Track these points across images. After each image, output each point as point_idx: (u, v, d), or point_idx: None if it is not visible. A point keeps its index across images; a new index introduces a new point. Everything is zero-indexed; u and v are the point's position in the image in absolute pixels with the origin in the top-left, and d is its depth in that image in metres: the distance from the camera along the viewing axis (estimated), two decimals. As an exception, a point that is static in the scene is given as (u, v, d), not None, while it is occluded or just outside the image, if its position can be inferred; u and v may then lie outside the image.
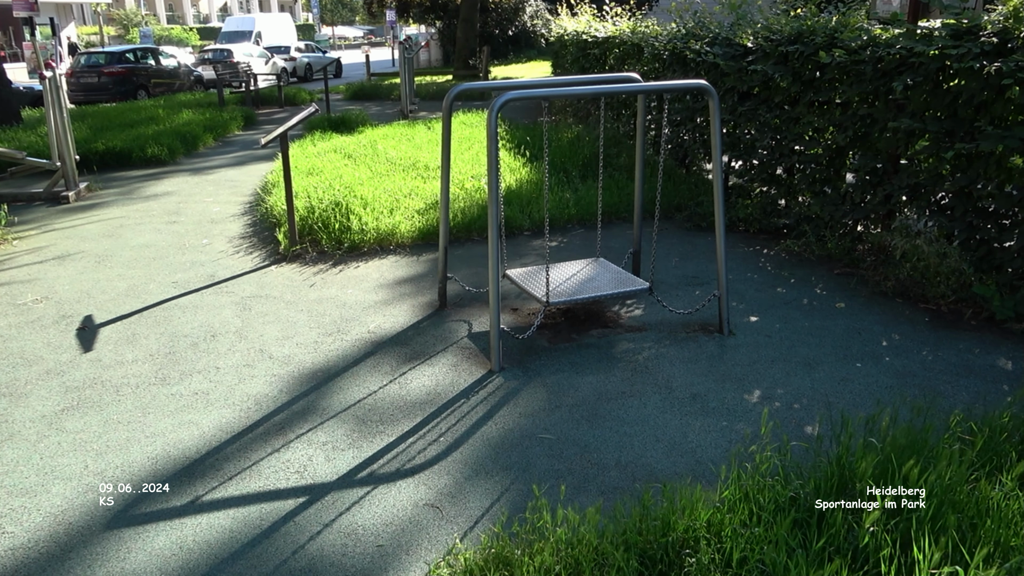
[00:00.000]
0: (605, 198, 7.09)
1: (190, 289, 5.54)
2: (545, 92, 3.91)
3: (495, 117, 3.82)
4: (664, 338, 4.35)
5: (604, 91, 4.04)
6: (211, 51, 26.70)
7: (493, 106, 3.81)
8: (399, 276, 5.67)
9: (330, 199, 6.80)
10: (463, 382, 3.91)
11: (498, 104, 3.80)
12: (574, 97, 4.11)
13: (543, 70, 28.39)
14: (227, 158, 11.07)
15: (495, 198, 3.92)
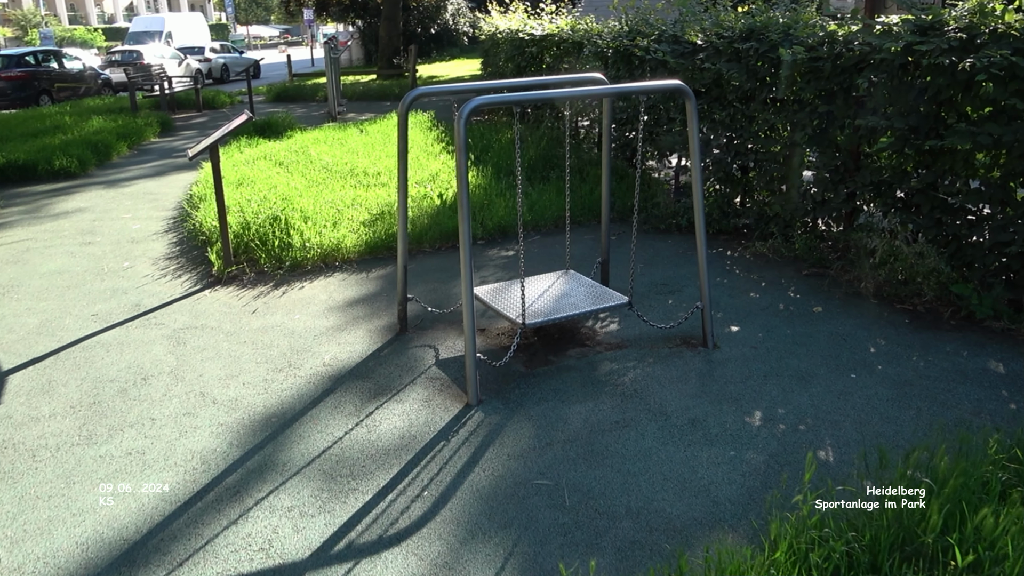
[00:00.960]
0: (559, 202, 6.73)
1: (113, 322, 4.87)
2: (517, 97, 3.50)
3: (464, 125, 3.39)
4: (647, 356, 4.02)
5: (579, 94, 3.66)
6: (119, 52, 25.05)
7: (461, 113, 3.37)
8: (350, 296, 5.15)
9: (267, 213, 6.19)
10: (439, 420, 3.47)
11: (467, 110, 3.37)
12: (547, 101, 3.70)
13: (468, 68, 27.89)
14: (144, 168, 10.18)
15: (466, 214, 3.48)
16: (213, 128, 13.82)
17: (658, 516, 2.74)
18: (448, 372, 3.95)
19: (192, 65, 24.81)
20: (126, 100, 17.27)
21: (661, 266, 5.47)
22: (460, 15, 36.72)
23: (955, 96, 4.33)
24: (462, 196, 3.46)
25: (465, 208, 3.47)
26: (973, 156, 4.38)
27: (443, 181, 7.69)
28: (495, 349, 4.21)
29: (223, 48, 30.60)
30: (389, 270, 5.66)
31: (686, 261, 5.55)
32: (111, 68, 24.19)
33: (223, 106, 17.69)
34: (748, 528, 2.65)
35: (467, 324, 3.53)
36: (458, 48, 37.48)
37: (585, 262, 5.60)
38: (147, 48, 25.10)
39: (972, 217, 4.46)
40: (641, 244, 6.03)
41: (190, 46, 29.12)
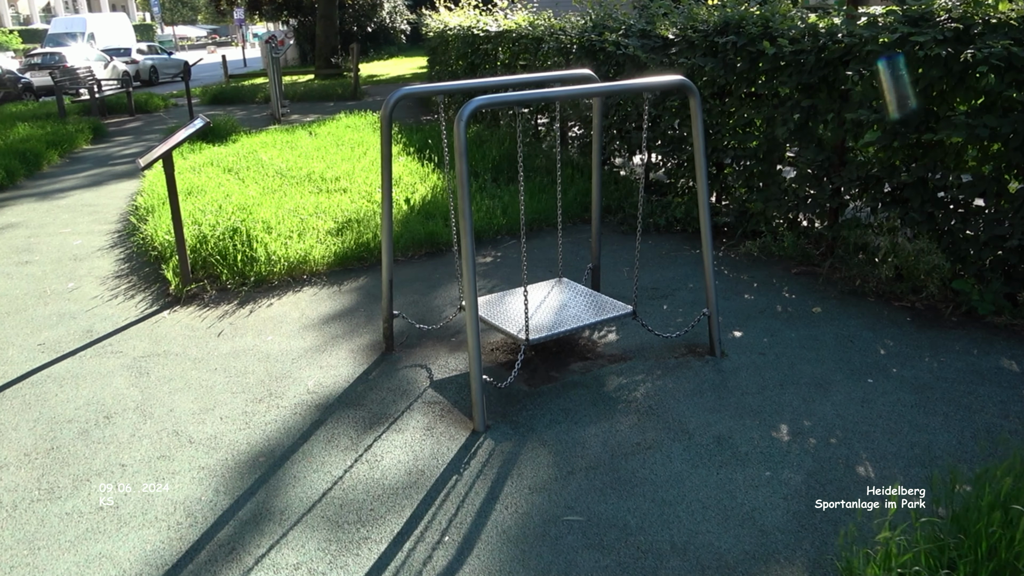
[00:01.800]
0: (533, 205, 6.46)
1: (63, 352, 4.38)
2: (519, 97, 3.20)
3: (464, 128, 3.08)
4: (654, 367, 3.80)
5: (581, 92, 3.39)
6: (39, 55, 23.57)
7: (461, 115, 3.07)
8: (324, 313, 4.78)
9: (225, 224, 5.73)
10: (446, 451, 3.17)
11: (468, 112, 3.06)
12: (550, 100, 3.42)
13: (408, 67, 27.39)
14: (79, 178, 9.46)
15: (468, 227, 3.18)
16: (149, 133, 13.04)
17: (707, 551, 2.51)
18: (446, 395, 3.64)
19: (119, 67, 23.54)
20: (52, 105, 16.19)
21: (648, 269, 5.27)
22: (397, 13, 36.00)
23: (948, 88, 4.25)
24: (464, 207, 3.16)
25: (468, 220, 3.17)
26: (965, 149, 4.31)
27: (407, 185, 7.33)
28: (492, 367, 3.91)
29: (151, 49, 29.17)
30: (363, 282, 5.30)
31: (672, 263, 5.37)
32: (32, 72, 22.75)
33: (157, 110, 16.78)
34: (805, 560, 2.44)
35: (472, 345, 3.24)
36: (396, 47, 36.76)
37: (571, 267, 5.36)
38: (70, 50, 23.70)
39: (963, 211, 4.41)
40: (623, 246, 5.82)
41: (115, 47, 27.63)
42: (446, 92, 3.78)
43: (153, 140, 12.25)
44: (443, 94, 3.79)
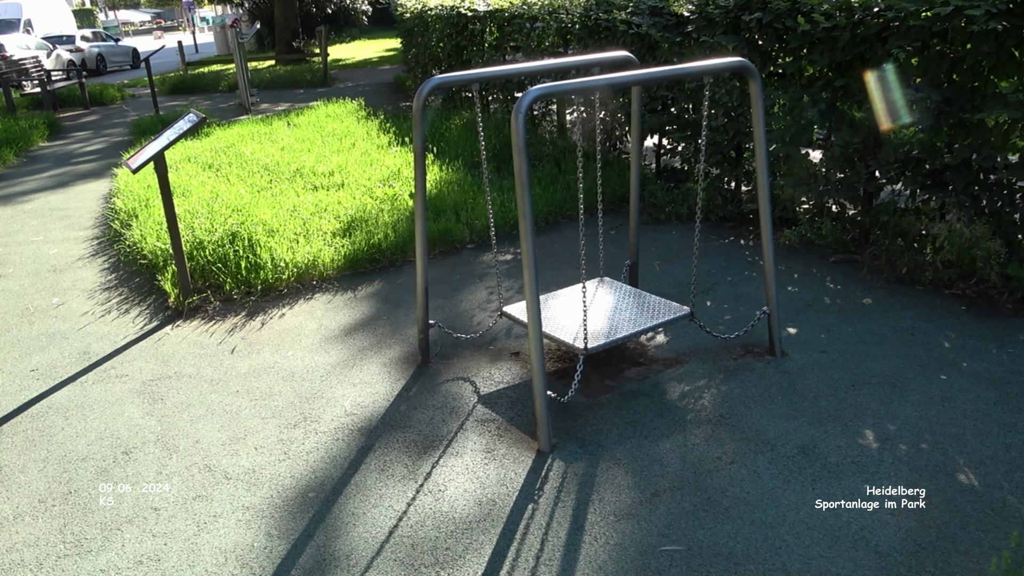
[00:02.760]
0: (547, 196, 6.24)
1: (62, 378, 4.07)
2: (581, 84, 2.98)
3: (523, 121, 2.86)
4: (715, 371, 3.64)
5: (643, 77, 3.18)
6: (-26, 45, 22.48)
7: (519, 106, 2.84)
8: (344, 323, 4.52)
9: (223, 228, 5.41)
10: (514, 476, 2.98)
11: (526, 103, 2.83)
12: (611, 89, 3.20)
13: (374, 50, 26.83)
14: (41, 179, 8.96)
15: (530, 228, 2.97)
16: (109, 128, 12.47)
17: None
18: (499, 411, 3.44)
19: (63, 56, 22.53)
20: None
21: (679, 262, 5.12)
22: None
23: (998, 64, 4.14)
24: (525, 207, 2.94)
25: (529, 223, 2.95)
26: (1013, 129, 4.22)
27: (406, 178, 7.05)
28: (540, 376, 3.72)
29: (96, 36, 28.04)
30: (378, 287, 5.05)
31: (704, 255, 5.22)
32: (-33, 63, 21.72)
33: (113, 101, 16.09)
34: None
35: (535, 359, 3.04)
36: (357, 29, 35.96)
37: (596, 263, 5.17)
38: (8, 39, 22.64)
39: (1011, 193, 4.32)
40: (647, 238, 5.65)
41: (56, 35, 26.47)
42: (482, 80, 3.55)
43: (115, 135, 11.71)
44: (478, 82, 3.55)
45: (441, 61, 11.58)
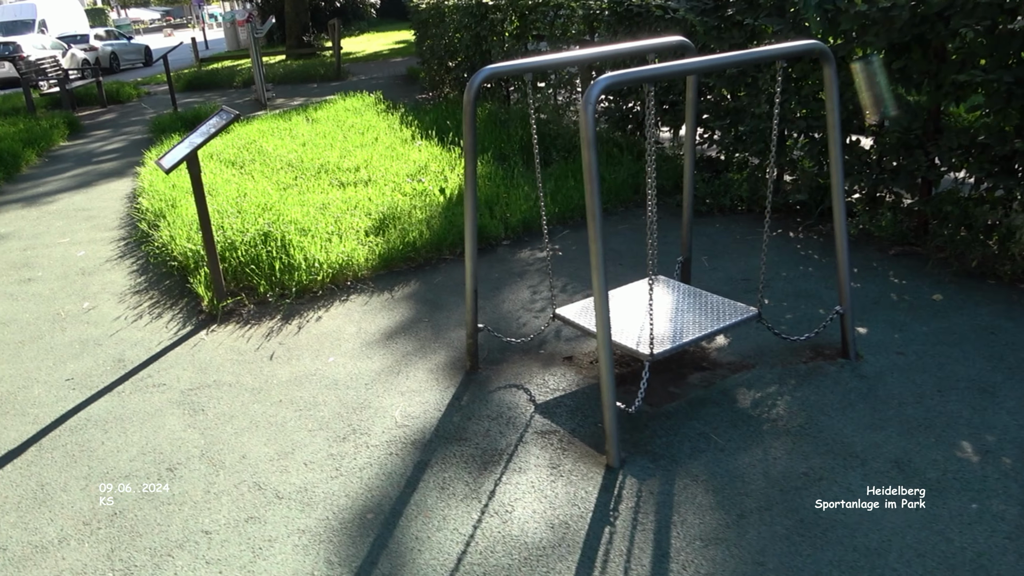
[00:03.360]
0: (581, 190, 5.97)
1: (98, 388, 3.87)
2: (651, 73, 2.73)
3: (592, 112, 2.61)
4: (785, 376, 3.40)
5: (724, 62, 2.93)
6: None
7: (589, 96, 2.59)
8: (384, 327, 4.30)
9: (255, 228, 5.19)
10: (584, 495, 2.75)
11: (596, 92, 2.59)
12: (685, 75, 2.94)
13: (383, 43, 26.55)
14: (65, 179, 8.78)
15: (598, 229, 2.73)
16: (128, 126, 12.28)
17: (949, 615, 2.14)
18: (559, 421, 3.22)
19: (77, 55, 22.37)
20: (16, 99, 15.26)
21: (729, 256, 4.86)
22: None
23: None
24: (593, 204, 2.70)
25: (598, 220, 2.71)
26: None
27: (434, 173, 6.82)
28: (598, 383, 3.49)
29: (109, 34, 27.84)
30: (415, 287, 4.82)
31: (752, 249, 4.96)
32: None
33: (130, 99, 15.90)
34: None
35: (604, 368, 2.80)
36: (366, 22, 35.60)
37: (642, 260, 4.92)
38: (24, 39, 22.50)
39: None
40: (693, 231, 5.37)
41: (71, 34, 26.29)
42: (535, 68, 3.30)
43: (134, 134, 11.52)
44: (532, 71, 3.30)
45: (459, 52, 11.31)
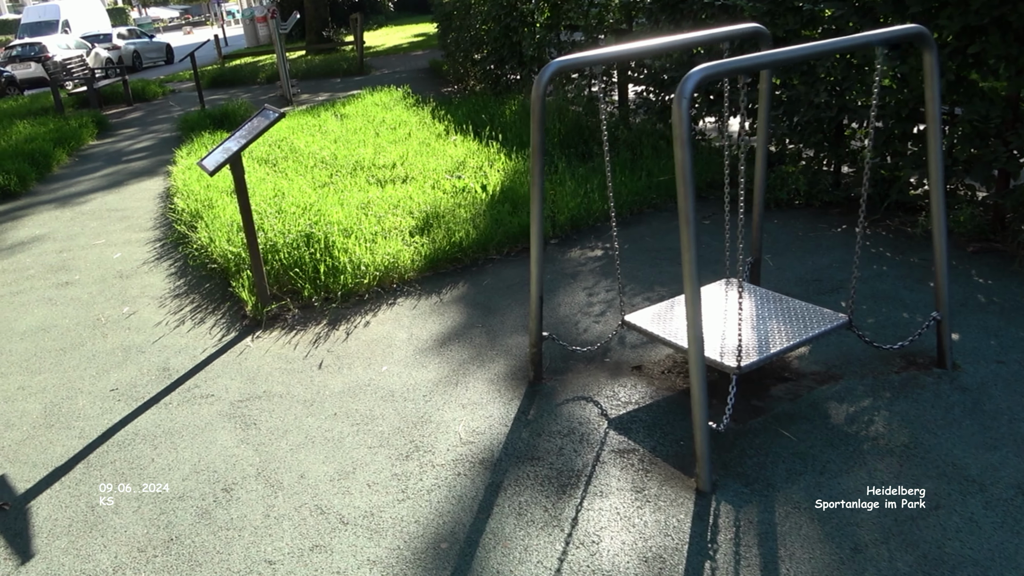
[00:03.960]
0: (635, 184, 5.71)
1: (144, 399, 3.68)
2: (747, 63, 2.46)
3: (686, 107, 2.36)
4: (878, 388, 3.14)
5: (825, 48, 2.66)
6: (18, 46, 22.35)
7: (683, 89, 2.34)
8: (436, 332, 4.08)
9: (296, 229, 4.98)
10: (676, 524, 2.51)
11: (691, 85, 2.33)
12: (790, 63, 2.68)
13: (401, 37, 26.29)
14: (96, 179, 8.62)
15: (692, 231, 2.48)
16: (155, 124, 12.13)
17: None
18: (636, 438, 2.98)
19: (101, 54, 22.29)
20: (44, 99, 15.19)
21: (793, 255, 4.59)
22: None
23: None
24: (686, 206, 2.44)
25: (692, 225, 2.46)
26: None
27: (472, 169, 6.57)
28: (673, 395, 3.24)
29: (131, 33, 27.78)
30: (464, 289, 4.59)
31: (818, 246, 4.67)
32: (12, 64, 21.59)
33: (155, 97, 15.77)
34: None
35: (697, 383, 2.55)
36: (383, 16, 35.32)
37: (702, 259, 4.65)
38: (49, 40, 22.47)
39: None
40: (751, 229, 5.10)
41: (94, 33, 26.25)
42: (605, 61, 3.04)
43: (163, 132, 11.36)
44: (602, 63, 3.05)
45: (486, 44, 11.03)
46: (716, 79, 2.45)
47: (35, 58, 21.81)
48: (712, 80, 2.39)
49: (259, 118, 4.26)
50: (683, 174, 2.43)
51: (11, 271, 5.73)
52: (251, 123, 4.31)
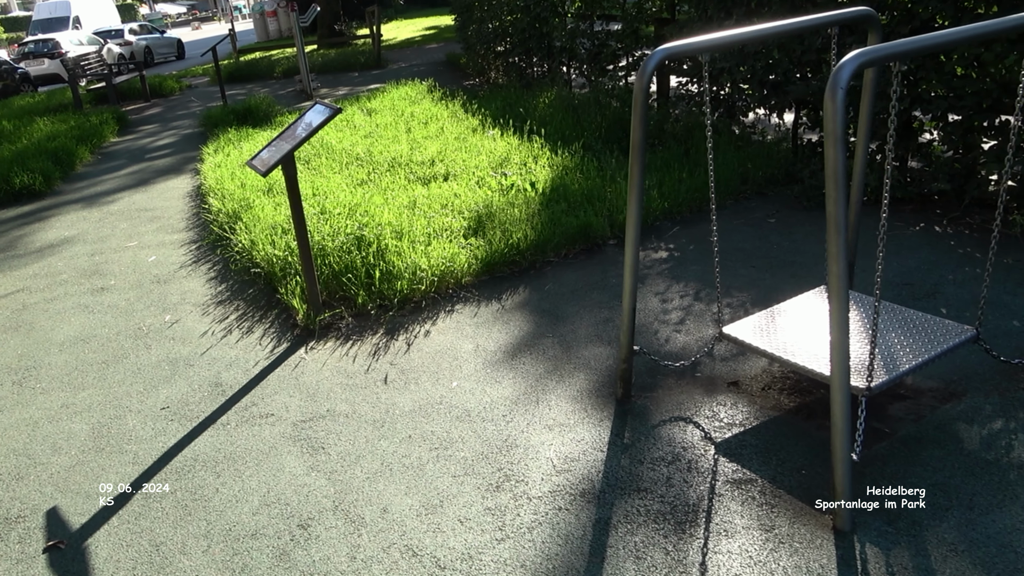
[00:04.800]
0: (696, 182, 5.37)
1: (198, 418, 3.38)
2: (915, 45, 2.13)
3: (842, 99, 2.04)
4: (1009, 408, 2.82)
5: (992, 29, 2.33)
6: (32, 43, 22.03)
7: (838, 79, 2.01)
8: (503, 343, 3.77)
9: (345, 231, 4.66)
10: (821, 570, 2.20)
11: (846, 76, 2.02)
12: (942, 49, 2.36)
13: (412, 30, 25.84)
14: (121, 177, 8.31)
15: (842, 240, 2.16)
16: (176, 121, 11.80)
17: None
18: (751, 466, 2.67)
19: (114, 50, 21.92)
20: (61, 96, 14.85)
21: (872, 256, 4.26)
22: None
23: None
24: (837, 212, 2.12)
25: (841, 233, 2.14)
26: None
27: (516, 165, 6.24)
28: (781, 416, 2.94)
29: (143, 29, 27.38)
30: (525, 294, 4.28)
31: (903, 246, 4.34)
32: (27, 61, 21.28)
33: (172, 93, 15.42)
34: None
35: (841, 413, 2.24)
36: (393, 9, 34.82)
37: (778, 261, 4.33)
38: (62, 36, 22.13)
39: None
40: (815, 226, 4.77)
41: (106, 29, 25.86)
42: (717, 47, 2.71)
43: (184, 127, 11.04)
44: (712, 50, 2.72)
45: (511, 35, 10.66)
46: (879, 64, 2.13)
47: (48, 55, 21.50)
48: (873, 65, 2.07)
49: (313, 114, 3.93)
50: (835, 176, 2.11)
51: (43, 275, 5.43)
52: (304, 120, 3.99)
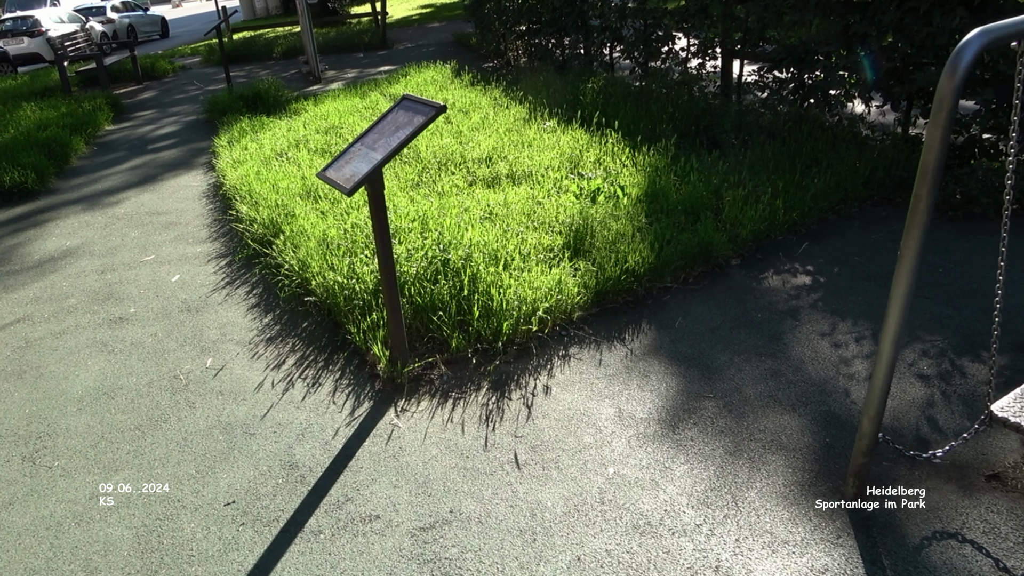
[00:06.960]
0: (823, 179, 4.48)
1: (277, 521, 2.50)
2: None
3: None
4: None
5: None
6: (9, 20, 20.44)
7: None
8: (653, 407, 2.91)
9: (423, 251, 3.74)
10: None
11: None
12: None
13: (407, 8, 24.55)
14: (123, 173, 7.25)
15: None
16: (175, 106, 10.65)
17: None
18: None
19: (96, 28, 20.40)
20: (47, 78, 13.55)
21: None
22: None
23: None
24: None
25: None
26: None
27: (590, 164, 5.32)
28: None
29: (125, 6, 25.70)
30: (654, 336, 3.41)
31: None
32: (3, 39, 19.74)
33: (165, 74, 14.16)
34: None
35: None
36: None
37: (948, 286, 3.49)
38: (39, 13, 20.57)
39: None
40: (970, 241, 3.93)
41: (86, 6, 24.22)
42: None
43: (185, 114, 9.93)
44: None
45: (541, 15, 9.65)
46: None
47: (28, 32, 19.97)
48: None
49: (406, 113, 3.00)
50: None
51: (47, 300, 4.45)
52: (389, 120, 3.06)
